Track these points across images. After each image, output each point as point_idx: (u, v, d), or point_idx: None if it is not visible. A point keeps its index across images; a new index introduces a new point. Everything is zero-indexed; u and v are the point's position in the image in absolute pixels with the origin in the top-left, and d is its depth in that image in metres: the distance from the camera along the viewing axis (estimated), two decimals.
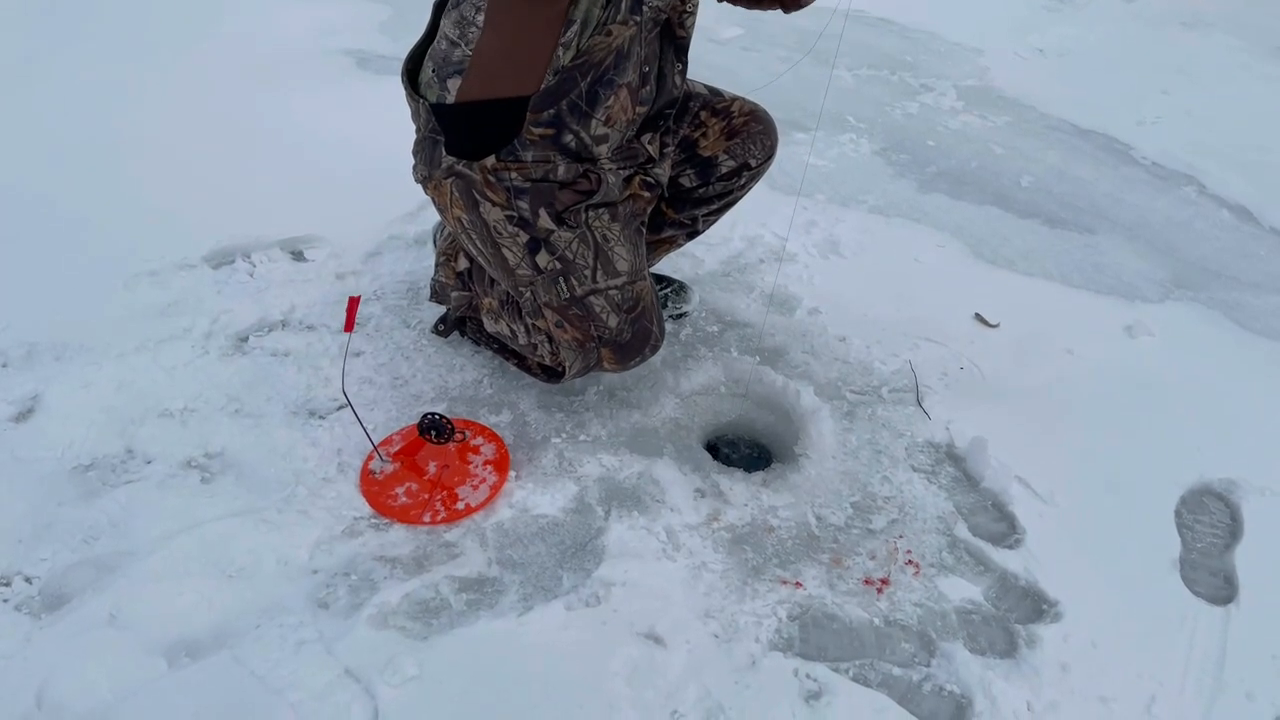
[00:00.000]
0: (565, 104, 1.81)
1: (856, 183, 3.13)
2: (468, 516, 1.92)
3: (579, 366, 2.02)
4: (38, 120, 3.07)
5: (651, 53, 1.87)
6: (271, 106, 3.24)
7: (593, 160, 1.88)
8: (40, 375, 2.15)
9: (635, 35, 1.80)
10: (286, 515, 1.89)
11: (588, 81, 1.80)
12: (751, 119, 2.16)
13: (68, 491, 1.91)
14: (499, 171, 1.86)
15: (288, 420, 2.10)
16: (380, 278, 2.52)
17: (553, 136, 1.84)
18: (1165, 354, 2.50)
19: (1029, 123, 3.65)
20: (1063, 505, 2.03)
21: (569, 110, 1.82)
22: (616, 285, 1.94)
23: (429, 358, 2.29)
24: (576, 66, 1.78)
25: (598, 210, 1.92)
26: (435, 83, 1.86)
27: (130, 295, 2.39)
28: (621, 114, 1.87)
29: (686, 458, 2.10)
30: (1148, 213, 3.14)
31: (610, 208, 1.93)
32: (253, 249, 2.56)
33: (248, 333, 2.32)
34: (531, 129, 1.82)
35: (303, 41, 3.74)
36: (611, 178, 1.92)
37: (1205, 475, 2.14)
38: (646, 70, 1.87)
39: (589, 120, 1.84)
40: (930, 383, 2.32)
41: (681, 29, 1.90)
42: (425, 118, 1.89)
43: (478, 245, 1.96)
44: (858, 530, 1.97)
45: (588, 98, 1.82)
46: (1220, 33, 4.50)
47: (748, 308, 2.51)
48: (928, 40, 4.27)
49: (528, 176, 1.87)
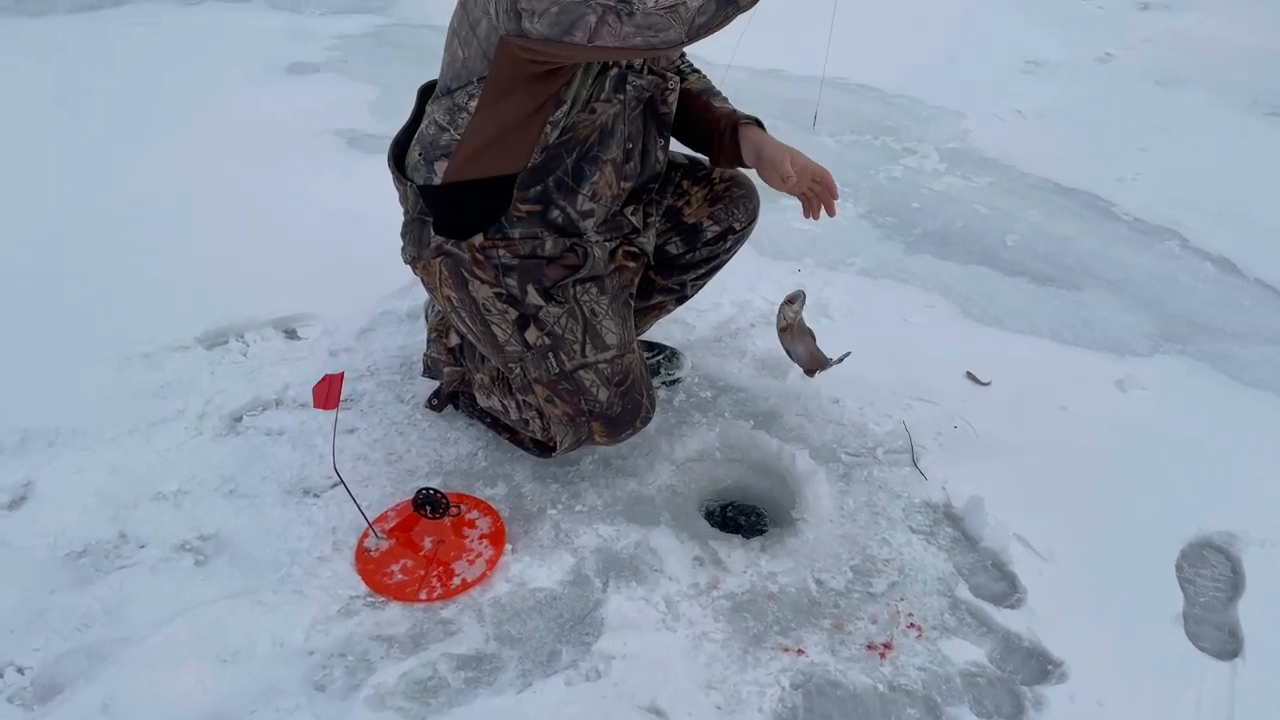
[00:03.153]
0: (552, 180, 1.84)
1: (843, 246, 3.17)
2: (464, 592, 1.90)
3: (570, 441, 2.03)
4: (31, 204, 3.11)
5: (635, 129, 1.91)
6: (264, 186, 3.28)
7: (579, 234, 1.91)
8: (33, 462, 2.14)
9: (619, 113, 1.84)
10: (281, 596, 1.87)
11: (574, 158, 1.84)
12: (733, 184, 2.20)
13: (60, 579, 1.90)
14: (487, 249, 1.88)
15: (282, 499, 2.09)
16: (373, 354, 2.53)
17: (540, 213, 1.87)
18: (1158, 407, 2.50)
19: (1011, 182, 3.71)
20: (1063, 563, 2.02)
21: (556, 187, 1.85)
22: (606, 359, 1.95)
23: (423, 432, 2.29)
24: (563, 144, 1.81)
25: (585, 284, 1.94)
26: (422, 165, 1.89)
27: (124, 378, 2.39)
28: (607, 189, 1.90)
29: (684, 525, 2.09)
30: (1132, 268, 3.18)
31: (598, 281, 1.96)
32: (246, 328, 2.58)
33: (241, 412, 2.32)
34: (519, 205, 1.85)
35: (294, 122, 3.81)
36: (598, 250, 1.94)
37: (1204, 528, 2.14)
38: (630, 146, 1.91)
39: (575, 196, 1.87)
40: (925, 442, 2.32)
41: (664, 105, 1.94)
42: (413, 199, 1.92)
43: (467, 323, 1.98)
44: (858, 594, 1.96)
45: (574, 174, 1.85)
46: (1195, 89, 4.60)
47: (740, 372, 2.52)
48: (908, 105, 4.35)
49: (515, 253, 1.89)
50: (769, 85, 4.22)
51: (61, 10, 4.86)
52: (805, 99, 2.12)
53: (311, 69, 4.36)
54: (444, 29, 1.89)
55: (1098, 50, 5.04)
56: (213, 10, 5.01)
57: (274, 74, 4.29)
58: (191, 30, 4.75)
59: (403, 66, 4.36)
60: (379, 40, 4.69)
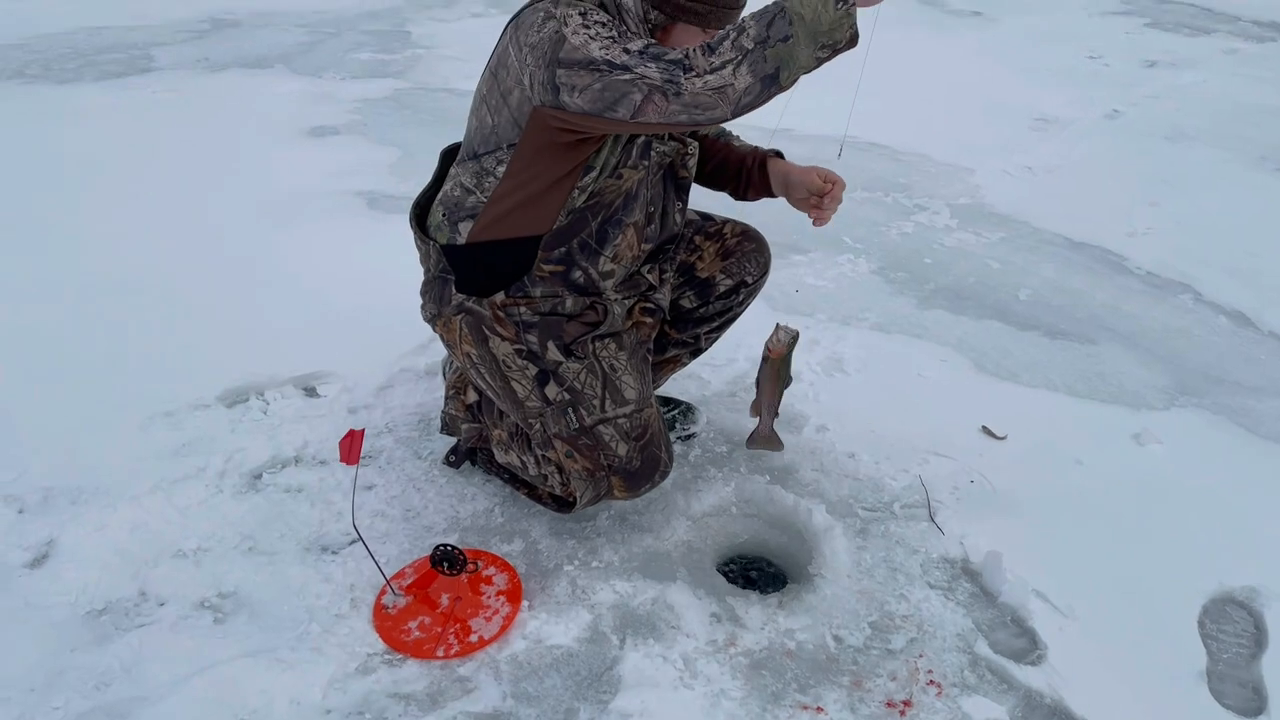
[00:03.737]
0: (576, 242, 1.88)
1: (857, 301, 3.20)
2: (481, 649, 1.90)
3: (590, 496, 2.04)
4: (57, 267, 3.17)
5: (656, 193, 1.96)
6: (284, 246, 3.34)
7: (598, 294, 1.94)
8: (56, 520, 2.16)
9: (643, 178, 1.89)
10: (299, 654, 1.87)
11: (598, 221, 1.88)
12: (744, 238, 2.25)
13: (81, 637, 1.90)
14: (508, 307, 1.92)
15: (301, 556, 2.10)
16: (391, 410, 2.56)
17: (562, 273, 1.90)
18: (1175, 461, 2.50)
19: (1023, 238, 3.74)
20: (1083, 618, 2.00)
21: (579, 248, 1.89)
22: (625, 413, 1.97)
23: (440, 488, 2.30)
24: (588, 207, 1.86)
25: (604, 340, 1.97)
26: (446, 225, 1.93)
27: (146, 436, 2.42)
28: (628, 251, 1.94)
29: (701, 581, 2.08)
30: (1146, 321, 3.19)
31: (616, 337, 1.99)
32: (266, 387, 2.61)
33: (261, 470, 2.34)
34: (542, 266, 1.88)
35: (315, 183, 3.88)
36: (616, 308, 1.97)
37: (1226, 583, 2.12)
38: (652, 210, 1.96)
39: (598, 257, 1.91)
40: (941, 497, 2.32)
41: (684, 170, 1.99)
42: (435, 258, 1.96)
43: (486, 379, 2.00)
44: (877, 651, 1.94)
45: (598, 236, 1.89)
46: (1203, 145, 4.65)
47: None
48: (919, 162, 4.41)
49: (536, 310, 1.92)
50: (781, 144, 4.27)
51: (89, 79, 4.99)
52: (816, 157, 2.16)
53: (332, 132, 4.45)
54: (461, 93, 1.95)
55: (1105, 107, 5.11)
56: (236, 77, 5.14)
57: (296, 137, 4.38)
58: (216, 96, 4.86)
59: (421, 129, 4.45)
60: (398, 104, 4.79)
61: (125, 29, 5.78)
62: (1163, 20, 6.79)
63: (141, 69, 5.18)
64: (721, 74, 1.58)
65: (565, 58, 1.66)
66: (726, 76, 1.58)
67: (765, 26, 1.57)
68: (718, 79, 1.58)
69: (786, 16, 1.55)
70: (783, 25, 1.56)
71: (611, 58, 1.63)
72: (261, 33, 5.86)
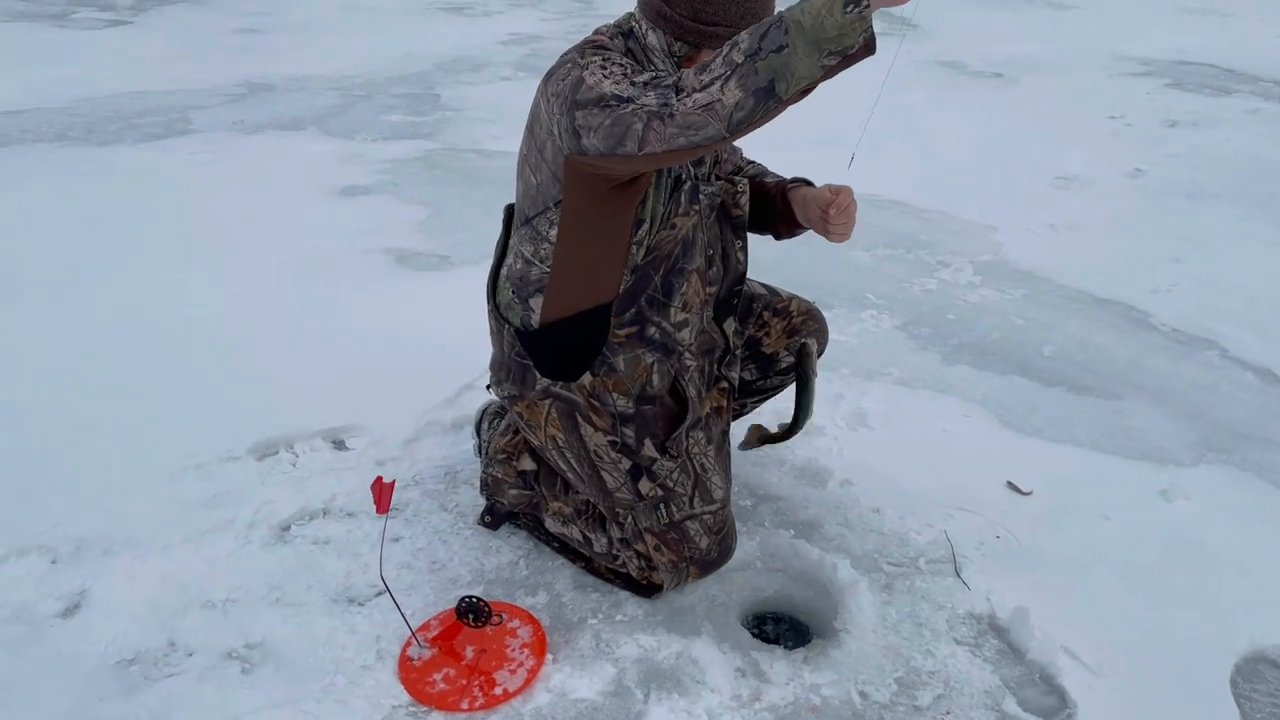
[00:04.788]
0: (644, 300, 1.91)
1: (880, 356, 3.21)
2: (506, 702, 1.90)
3: (673, 584, 2.11)
4: (91, 322, 3.23)
5: (714, 235, 2.00)
6: (314, 302, 3.40)
7: (678, 351, 1.98)
8: (88, 570, 2.19)
9: (697, 223, 1.93)
10: (325, 705, 1.87)
11: (661, 274, 1.91)
12: (809, 318, 2.32)
13: (110, 686, 1.92)
14: (600, 394, 1.95)
15: (327, 608, 2.11)
16: (418, 463, 2.58)
17: (637, 333, 1.94)
18: (1204, 518, 2.48)
19: (1046, 294, 3.75)
20: (1112, 677, 1.98)
21: (648, 305, 1.92)
22: (711, 511, 2.05)
23: (465, 540, 2.32)
24: (649, 262, 1.89)
25: (695, 435, 2.04)
26: (517, 304, 1.97)
27: (176, 488, 2.45)
28: (695, 297, 1.98)
29: (725, 635, 2.08)
30: (1172, 377, 3.18)
31: (705, 430, 2.06)
32: (295, 439, 2.64)
33: (289, 522, 2.36)
34: (617, 331, 1.92)
35: (343, 240, 3.95)
36: (691, 390, 2.03)
37: (1258, 642, 2.09)
38: (711, 253, 2.00)
39: (667, 309, 1.94)
40: (967, 552, 2.31)
41: (737, 208, 2.02)
42: (510, 340, 2.00)
43: (572, 464, 2.05)
44: (903, 707, 1.92)
45: (664, 289, 1.92)
46: (1225, 203, 4.66)
47: (780, 481, 2.53)
48: (941, 219, 4.44)
49: (627, 393, 1.96)
50: None
51: (128, 140, 5.13)
52: None
53: (362, 191, 4.54)
54: (489, 153, 2.01)
55: (1127, 166, 5.14)
56: (270, 139, 5.27)
57: (326, 196, 4.47)
58: (250, 156, 4.98)
59: (450, 189, 4.54)
60: (428, 164, 4.89)
61: (165, 93, 5.95)
62: (1184, 81, 6.84)
63: (180, 131, 5.31)
64: (710, 90, 1.51)
65: (581, 98, 1.66)
66: (714, 93, 1.51)
67: (759, 38, 1.49)
68: (705, 96, 1.51)
69: (783, 25, 1.47)
70: (777, 35, 1.47)
71: (619, 92, 1.61)
72: (295, 96, 6.02)
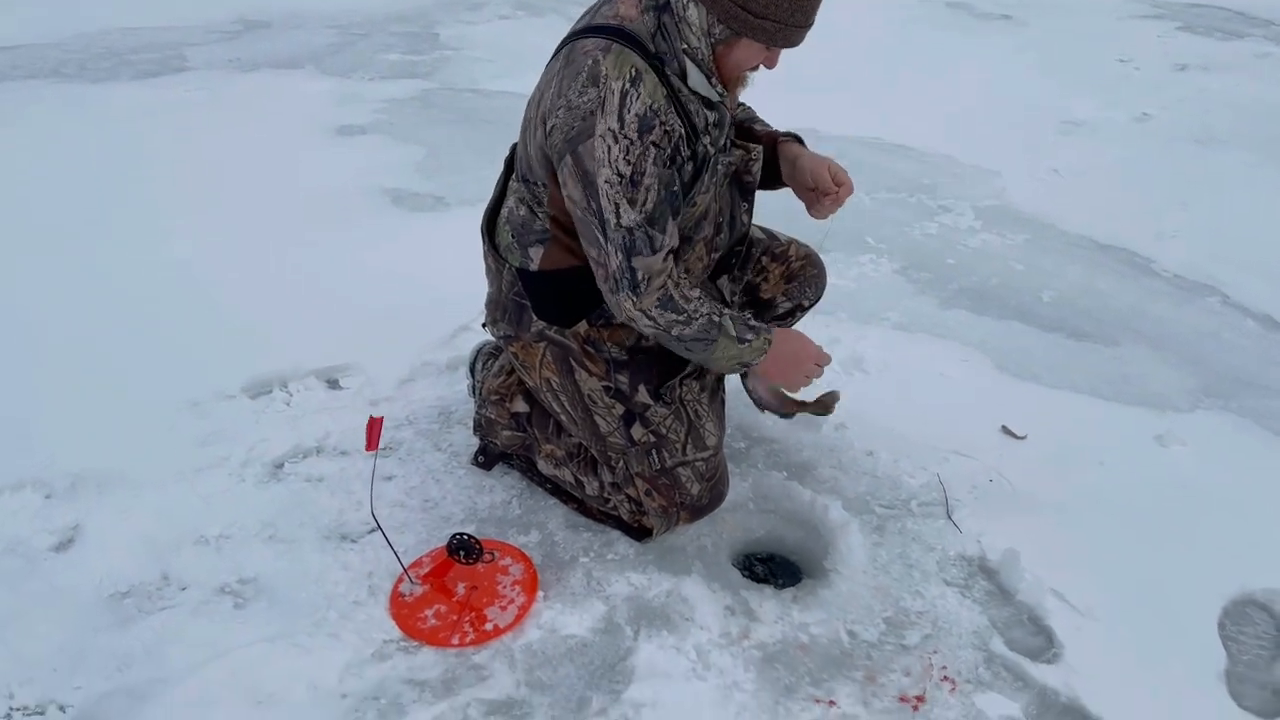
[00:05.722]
0: None
1: (878, 300, 3.19)
2: (496, 638, 1.91)
3: (663, 530, 2.10)
4: (88, 260, 3.21)
5: (725, 203, 1.96)
6: (309, 241, 3.37)
7: None
8: (82, 506, 2.20)
9: (712, 194, 1.89)
10: (317, 639, 1.89)
11: None
12: (807, 263, 2.28)
13: (104, 619, 1.94)
14: (595, 341, 1.95)
15: (320, 544, 2.13)
16: (412, 403, 2.58)
17: None
18: (1198, 463, 2.48)
19: (1048, 240, 3.71)
20: (1102, 618, 1.99)
21: None
22: (703, 458, 2.03)
23: (459, 480, 2.32)
24: None
25: (689, 383, 2.02)
26: (516, 249, 1.95)
27: (171, 426, 2.45)
28: (698, 263, 1.98)
29: (715, 574, 2.09)
30: (1172, 324, 3.16)
31: (699, 376, 2.05)
32: (290, 379, 2.64)
33: (283, 460, 2.37)
34: None
35: (342, 181, 3.91)
36: None
37: (1247, 585, 2.10)
38: (720, 221, 1.97)
39: None
40: (960, 496, 2.31)
41: (749, 174, 1.97)
42: (509, 280, 1.97)
43: (565, 407, 2.04)
44: (891, 646, 1.94)
45: None
46: (1235, 149, 4.59)
47: (774, 424, 2.52)
48: (944, 164, 4.38)
49: (622, 344, 1.95)
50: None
51: (124, 78, 5.06)
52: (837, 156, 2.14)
53: (359, 131, 4.49)
54: (487, 93, 1.98)
55: (1135, 110, 5.06)
56: (266, 77, 5.19)
57: (323, 135, 4.42)
58: (246, 95, 4.91)
59: (447, 129, 4.49)
60: (425, 103, 4.83)
61: (159, 29, 5.85)
62: (1194, 24, 6.71)
63: (175, 68, 5.24)
64: (639, 323, 1.81)
65: (582, 154, 1.69)
66: (642, 326, 1.82)
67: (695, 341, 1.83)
68: (637, 320, 1.81)
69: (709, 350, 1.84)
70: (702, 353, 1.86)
71: (605, 212, 1.71)
72: (292, 34, 5.92)
